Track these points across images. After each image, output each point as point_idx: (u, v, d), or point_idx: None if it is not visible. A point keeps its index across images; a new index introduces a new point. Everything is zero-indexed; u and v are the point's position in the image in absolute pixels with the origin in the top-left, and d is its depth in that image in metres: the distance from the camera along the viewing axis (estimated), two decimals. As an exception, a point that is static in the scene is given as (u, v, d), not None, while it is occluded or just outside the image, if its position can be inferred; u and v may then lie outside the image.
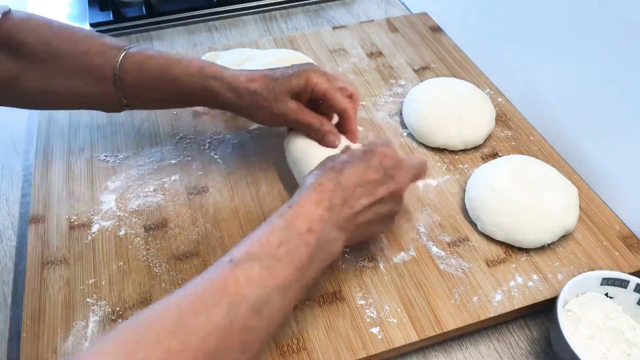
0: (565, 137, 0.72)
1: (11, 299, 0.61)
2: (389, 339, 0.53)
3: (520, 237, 0.60)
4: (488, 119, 0.73)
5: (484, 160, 0.70)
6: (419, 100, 0.74)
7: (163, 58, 0.61)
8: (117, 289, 0.57)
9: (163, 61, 0.61)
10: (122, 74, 0.60)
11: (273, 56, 0.80)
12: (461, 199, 0.66)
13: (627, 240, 0.62)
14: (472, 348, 0.56)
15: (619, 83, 0.62)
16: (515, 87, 0.80)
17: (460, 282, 0.58)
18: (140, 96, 0.63)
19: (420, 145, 0.73)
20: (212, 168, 0.70)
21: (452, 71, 0.84)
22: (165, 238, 0.62)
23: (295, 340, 0.53)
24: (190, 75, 0.60)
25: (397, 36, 0.92)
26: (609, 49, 0.62)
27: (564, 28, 0.69)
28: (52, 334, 0.53)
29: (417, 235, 0.62)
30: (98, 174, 0.69)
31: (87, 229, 0.62)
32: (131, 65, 0.60)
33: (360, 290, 0.57)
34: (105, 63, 0.60)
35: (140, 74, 0.60)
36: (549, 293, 0.57)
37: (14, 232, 0.67)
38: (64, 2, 1.04)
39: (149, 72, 0.60)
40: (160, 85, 0.61)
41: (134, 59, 0.60)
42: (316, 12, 1.05)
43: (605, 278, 0.54)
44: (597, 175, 0.68)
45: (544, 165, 0.65)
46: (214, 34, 0.98)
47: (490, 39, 0.84)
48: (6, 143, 0.78)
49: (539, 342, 0.56)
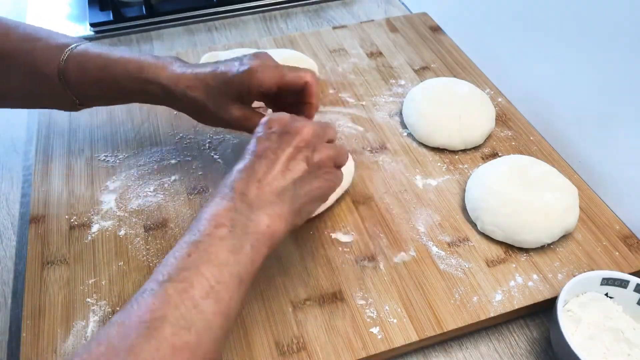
0: (565, 137, 0.72)
1: (11, 299, 0.61)
2: (389, 339, 0.53)
3: (520, 237, 0.60)
4: (488, 119, 0.73)
5: (484, 160, 0.71)
6: (419, 100, 0.74)
7: (104, 58, 0.59)
8: (117, 289, 0.57)
9: (103, 61, 0.59)
10: (65, 74, 0.59)
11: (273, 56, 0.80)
12: (461, 199, 0.66)
13: (627, 240, 0.62)
14: (472, 348, 0.56)
15: (619, 83, 0.62)
16: (515, 87, 0.80)
17: (460, 282, 0.58)
18: (87, 95, 0.61)
19: (420, 145, 0.73)
20: (212, 168, 0.70)
21: (452, 71, 0.84)
22: (165, 238, 0.62)
23: (295, 340, 0.53)
24: (129, 77, 0.58)
25: (397, 36, 0.92)
26: (609, 49, 0.62)
27: (564, 28, 0.69)
28: (52, 334, 0.53)
29: (417, 235, 0.62)
30: (98, 174, 0.69)
31: (87, 229, 0.62)
32: (73, 65, 0.59)
33: (360, 290, 0.57)
34: (50, 62, 0.59)
35: (82, 74, 0.59)
36: (549, 293, 0.57)
37: (14, 232, 0.67)
38: (64, 2, 1.04)
39: (91, 73, 0.59)
40: (102, 85, 0.60)
41: (76, 59, 0.59)
42: (316, 12, 1.05)
43: (605, 278, 0.54)
44: (597, 175, 0.68)
45: (544, 165, 0.65)
46: (214, 34, 0.98)
47: (490, 39, 0.84)
48: (6, 143, 0.78)
49: (539, 342, 0.56)
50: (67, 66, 0.59)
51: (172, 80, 0.58)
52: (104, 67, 0.59)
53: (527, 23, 0.75)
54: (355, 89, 0.81)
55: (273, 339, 0.53)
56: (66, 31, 0.96)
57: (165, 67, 0.58)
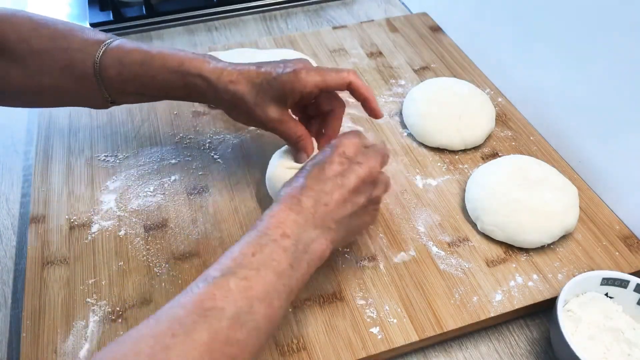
0: (565, 137, 0.72)
1: (11, 299, 0.61)
2: (389, 339, 0.53)
3: (520, 237, 0.60)
4: (488, 119, 0.73)
5: (484, 160, 0.71)
6: (419, 100, 0.74)
7: (142, 52, 0.59)
8: (117, 289, 0.57)
9: (142, 56, 0.58)
10: (102, 70, 0.58)
11: (273, 56, 0.80)
12: (461, 199, 0.66)
13: (627, 240, 0.62)
14: (472, 348, 0.56)
15: (619, 83, 0.62)
16: (515, 87, 0.80)
17: (460, 282, 0.58)
18: (124, 92, 0.61)
19: (420, 145, 0.73)
20: (212, 168, 0.70)
21: (452, 71, 0.84)
22: (165, 238, 0.62)
23: (295, 340, 0.53)
24: (170, 71, 0.58)
25: (397, 36, 0.92)
26: (608, 49, 0.62)
27: (564, 28, 0.69)
28: (52, 334, 0.53)
29: (417, 235, 0.62)
30: (98, 174, 0.69)
31: (87, 229, 0.62)
32: (111, 61, 0.58)
33: (360, 290, 0.57)
34: (86, 59, 0.58)
35: (121, 69, 0.58)
36: (549, 293, 0.57)
37: (14, 232, 0.67)
38: (64, 2, 1.04)
39: (129, 68, 0.58)
40: (141, 81, 0.59)
41: (113, 54, 0.58)
42: (316, 12, 1.05)
43: (605, 278, 0.54)
44: (597, 175, 0.68)
45: (544, 165, 0.65)
46: (214, 34, 0.98)
47: (490, 39, 0.84)
48: (6, 143, 0.78)
49: (539, 342, 0.56)
50: (104, 62, 0.58)
51: (215, 74, 0.58)
52: (143, 62, 0.58)
53: (527, 23, 0.75)
54: (355, 89, 0.81)
55: (273, 338, 0.53)
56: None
57: (207, 62, 0.58)
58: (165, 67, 0.58)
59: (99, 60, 0.58)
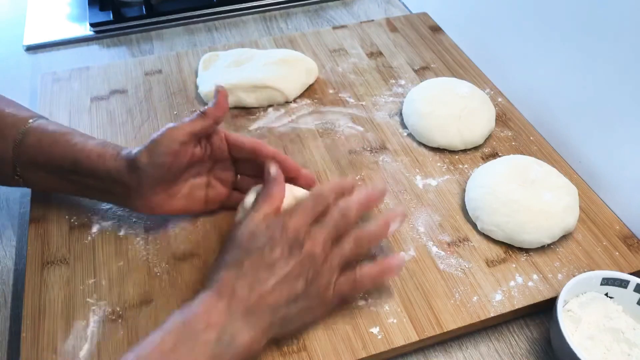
0: (565, 137, 0.72)
1: (11, 299, 0.61)
2: (389, 339, 0.53)
3: (520, 237, 0.60)
4: (488, 119, 0.73)
5: (484, 160, 0.71)
6: (419, 100, 0.74)
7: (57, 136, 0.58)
8: (117, 289, 0.57)
9: (55, 138, 0.58)
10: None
11: (273, 56, 0.80)
12: (461, 199, 0.66)
13: (627, 240, 0.62)
14: (472, 348, 0.56)
15: (619, 83, 0.62)
16: (515, 87, 0.80)
17: (460, 282, 0.58)
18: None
19: (420, 145, 0.73)
20: (212, 168, 0.70)
21: (452, 71, 0.84)
22: (165, 238, 0.62)
23: (295, 340, 0.53)
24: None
25: (397, 36, 0.92)
26: (608, 49, 0.62)
27: (564, 28, 0.69)
28: (52, 334, 0.53)
29: (417, 235, 0.62)
30: (98, 174, 0.69)
31: (87, 229, 0.62)
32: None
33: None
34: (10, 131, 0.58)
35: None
36: (549, 293, 0.57)
37: (14, 232, 0.67)
38: (64, 2, 1.04)
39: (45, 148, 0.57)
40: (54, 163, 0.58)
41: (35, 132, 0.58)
42: (316, 12, 1.05)
43: (605, 278, 0.54)
44: (597, 175, 0.68)
45: (544, 165, 0.65)
46: (214, 34, 0.98)
47: (490, 38, 0.85)
48: (6, 143, 0.78)
49: (539, 342, 0.56)
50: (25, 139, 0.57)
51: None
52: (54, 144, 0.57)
53: (527, 23, 0.75)
54: (355, 89, 0.81)
55: (273, 339, 0.53)
56: (66, 31, 0.97)
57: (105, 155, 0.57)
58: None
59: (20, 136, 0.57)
